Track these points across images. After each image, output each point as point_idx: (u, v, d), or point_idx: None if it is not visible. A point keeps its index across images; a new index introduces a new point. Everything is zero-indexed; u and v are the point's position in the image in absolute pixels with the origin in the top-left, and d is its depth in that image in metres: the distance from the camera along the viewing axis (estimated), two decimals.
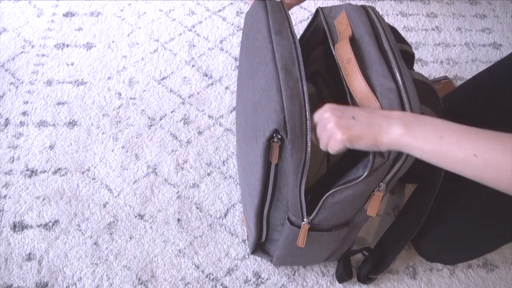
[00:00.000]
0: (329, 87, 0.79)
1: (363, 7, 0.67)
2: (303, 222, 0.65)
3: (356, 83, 0.57)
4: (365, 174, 0.54)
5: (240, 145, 0.69)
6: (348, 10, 0.66)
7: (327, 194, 0.59)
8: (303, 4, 1.37)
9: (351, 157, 0.66)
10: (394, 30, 0.68)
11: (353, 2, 1.38)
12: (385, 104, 0.54)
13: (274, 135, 0.53)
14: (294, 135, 0.53)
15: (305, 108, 0.54)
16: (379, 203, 0.60)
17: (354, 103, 0.57)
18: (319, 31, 0.74)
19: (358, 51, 0.61)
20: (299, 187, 0.59)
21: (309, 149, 0.54)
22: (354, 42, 0.62)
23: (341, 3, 0.74)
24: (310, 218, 0.64)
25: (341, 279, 0.84)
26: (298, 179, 0.58)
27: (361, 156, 0.56)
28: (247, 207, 0.75)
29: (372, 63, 0.58)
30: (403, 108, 0.53)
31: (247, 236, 0.83)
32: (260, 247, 0.82)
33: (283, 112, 0.53)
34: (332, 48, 0.63)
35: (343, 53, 0.61)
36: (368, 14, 0.65)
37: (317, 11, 0.71)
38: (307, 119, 0.53)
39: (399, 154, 0.53)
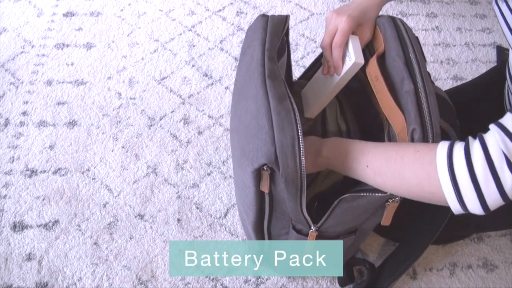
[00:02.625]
0: (347, 96, 0.79)
1: (392, 19, 0.66)
2: (311, 230, 0.63)
3: (384, 100, 0.58)
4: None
5: (234, 161, 0.68)
6: (379, 25, 0.65)
7: (340, 198, 0.57)
8: (303, 4, 1.37)
9: None
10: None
11: None
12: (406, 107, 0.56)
13: (264, 165, 0.52)
14: (287, 168, 0.51)
15: (298, 138, 0.51)
16: (393, 213, 0.59)
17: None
18: None
19: (386, 66, 0.61)
20: (300, 210, 0.57)
21: (304, 178, 0.52)
22: (383, 57, 0.62)
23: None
24: (318, 225, 0.62)
25: (343, 284, 0.84)
26: (298, 205, 0.56)
27: None
28: (245, 223, 0.74)
29: (400, 79, 0.58)
30: (419, 108, 0.55)
31: None
32: None
33: (274, 144, 0.51)
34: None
35: (372, 71, 0.61)
36: (397, 27, 0.64)
37: None
38: (301, 149, 0.51)
39: None
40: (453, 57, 1.28)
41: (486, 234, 0.94)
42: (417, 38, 0.65)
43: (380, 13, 0.68)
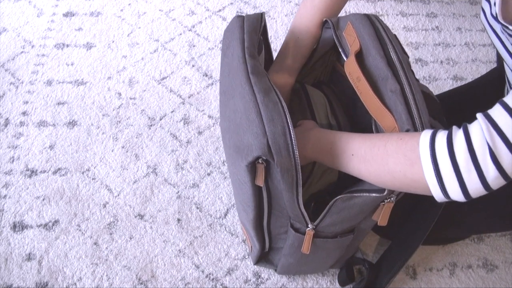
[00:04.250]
0: (336, 95, 0.79)
1: (367, 16, 0.65)
2: (308, 228, 0.63)
3: (369, 101, 0.58)
4: (386, 191, 0.54)
5: (228, 161, 0.68)
6: (353, 21, 0.64)
7: (336, 198, 0.58)
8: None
9: None
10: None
11: (355, 3, 1.39)
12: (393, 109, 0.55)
13: (258, 157, 0.52)
14: (281, 157, 0.51)
15: (289, 127, 0.52)
16: (389, 213, 0.59)
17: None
18: (325, 43, 0.73)
19: (366, 65, 0.60)
20: (296, 202, 0.58)
21: (299, 167, 0.52)
22: (361, 56, 0.61)
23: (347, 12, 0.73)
24: (315, 223, 0.62)
25: (343, 283, 0.84)
26: (294, 196, 0.56)
27: None
28: (245, 222, 0.74)
29: (382, 77, 0.58)
30: (408, 109, 0.54)
31: (250, 247, 0.82)
32: (263, 257, 0.81)
33: (265, 136, 0.51)
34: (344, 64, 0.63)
35: (352, 71, 0.60)
36: (373, 24, 0.64)
37: (325, 21, 0.70)
38: (292, 137, 0.52)
39: None
40: (453, 57, 1.28)
41: (486, 234, 0.94)
42: (395, 35, 0.65)
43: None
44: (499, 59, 1.27)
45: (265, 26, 0.68)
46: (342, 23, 0.67)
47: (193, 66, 1.19)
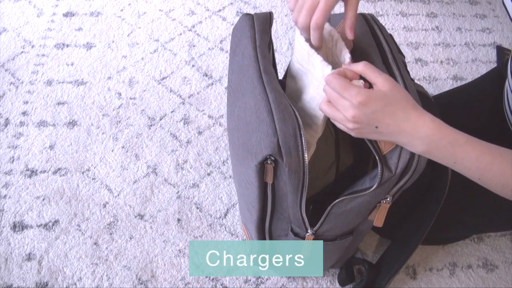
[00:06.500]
0: None
1: (363, 16, 0.65)
2: (308, 233, 0.63)
3: None
4: (374, 187, 0.53)
5: (234, 161, 0.68)
6: None
7: (332, 205, 0.58)
8: None
9: (362, 167, 0.65)
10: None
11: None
12: None
13: (268, 157, 0.52)
14: (290, 158, 0.51)
15: (299, 129, 0.52)
16: (385, 214, 0.60)
17: None
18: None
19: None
20: (299, 206, 0.58)
21: (306, 169, 0.52)
22: (356, 54, 0.61)
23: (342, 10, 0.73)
24: (314, 229, 0.63)
25: (342, 284, 0.84)
26: (298, 199, 0.56)
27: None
28: (247, 221, 0.74)
29: None
30: None
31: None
32: None
33: (276, 135, 0.51)
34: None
35: None
36: (368, 23, 0.64)
37: None
38: (303, 139, 0.51)
39: (406, 167, 0.52)
40: (453, 57, 1.28)
41: (486, 234, 0.94)
42: (390, 35, 0.65)
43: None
44: (500, 57, 1.27)
45: (271, 26, 0.69)
46: (334, 21, 0.67)
47: (193, 66, 1.19)
